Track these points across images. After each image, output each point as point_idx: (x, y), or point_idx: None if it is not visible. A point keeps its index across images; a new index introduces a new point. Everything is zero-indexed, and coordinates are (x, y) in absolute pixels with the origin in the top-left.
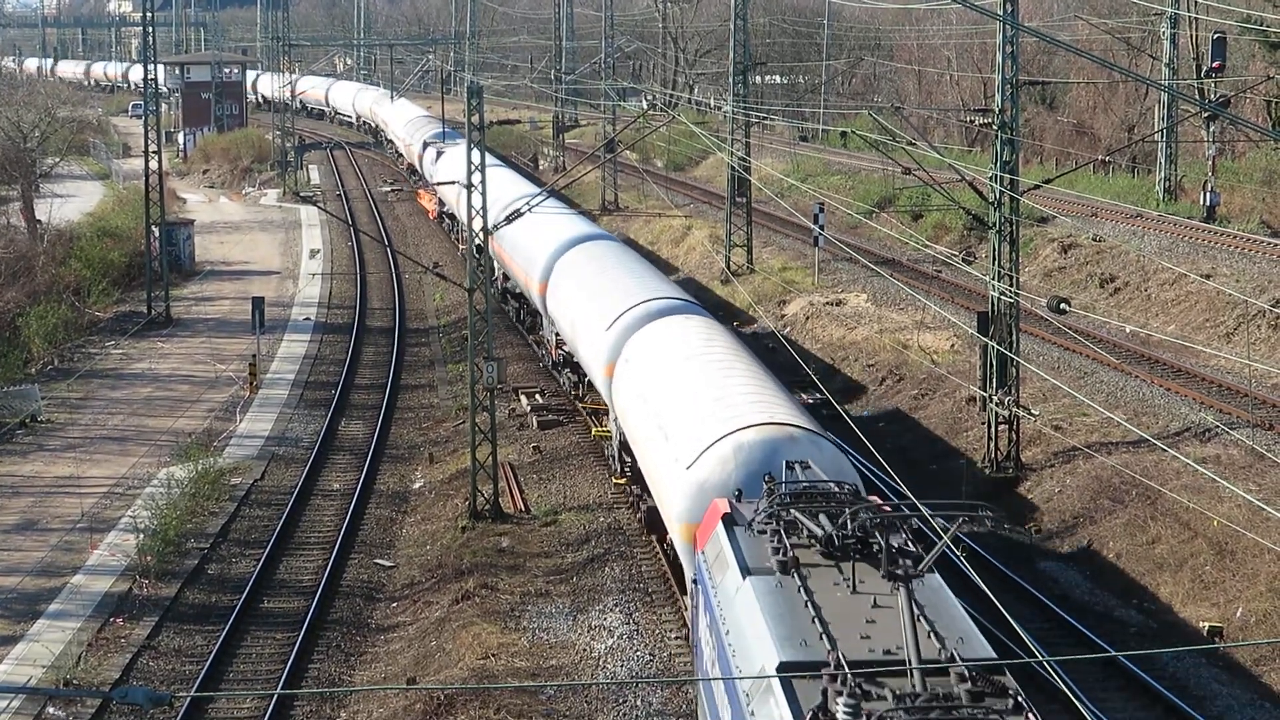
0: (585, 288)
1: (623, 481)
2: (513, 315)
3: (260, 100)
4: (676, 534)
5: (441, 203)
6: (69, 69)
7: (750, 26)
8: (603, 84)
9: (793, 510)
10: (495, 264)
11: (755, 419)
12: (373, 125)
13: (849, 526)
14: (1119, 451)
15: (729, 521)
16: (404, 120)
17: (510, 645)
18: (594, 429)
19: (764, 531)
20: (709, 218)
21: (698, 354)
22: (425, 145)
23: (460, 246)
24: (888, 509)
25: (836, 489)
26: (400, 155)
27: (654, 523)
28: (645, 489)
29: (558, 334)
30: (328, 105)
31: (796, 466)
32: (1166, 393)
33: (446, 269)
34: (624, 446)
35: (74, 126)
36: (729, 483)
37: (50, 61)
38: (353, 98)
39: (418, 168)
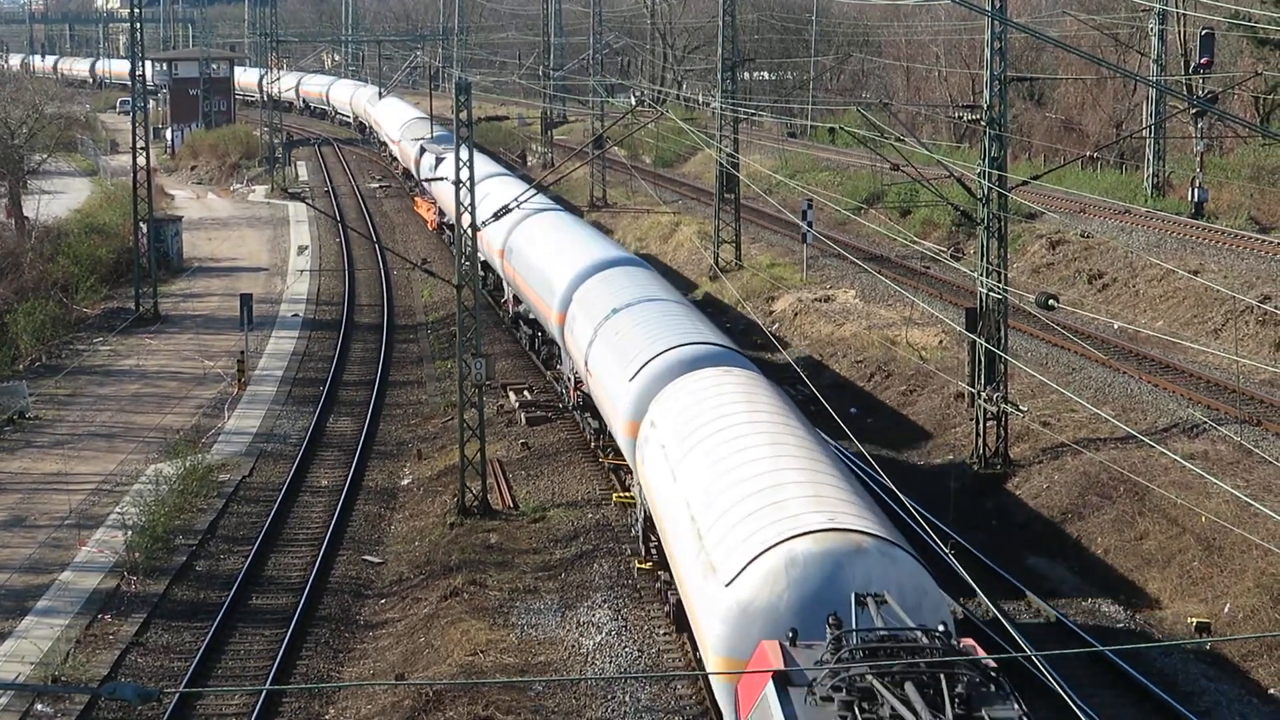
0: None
1: (647, 566)
2: (525, 343)
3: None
4: (711, 663)
5: (441, 212)
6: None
7: (738, 22)
8: (591, 80)
9: (869, 676)
10: (505, 285)
11: (814, 521)
12: (366, 125)
13: (948, 705)
14: (1107, 447)
15: (782, 682)
16: (399, 121)
17: (499, 641)
18: (615, 493)
19: (829, 700)
20: (697, 214)
21: (740, 421)
22: (423, 149)
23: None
24: (992, 667)
25: (924, 638)
26: (395, 158)
27: (684, 619)
28: (673, 577)
29: (576, 373)
30: (328, 104)
31: (870, 602)
32: (1154, 389)
33: (435, 266)
34: (650, 524)
35: (62, 123)
36: (779, 610)
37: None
38: (349, 97)
39: (414, 172)
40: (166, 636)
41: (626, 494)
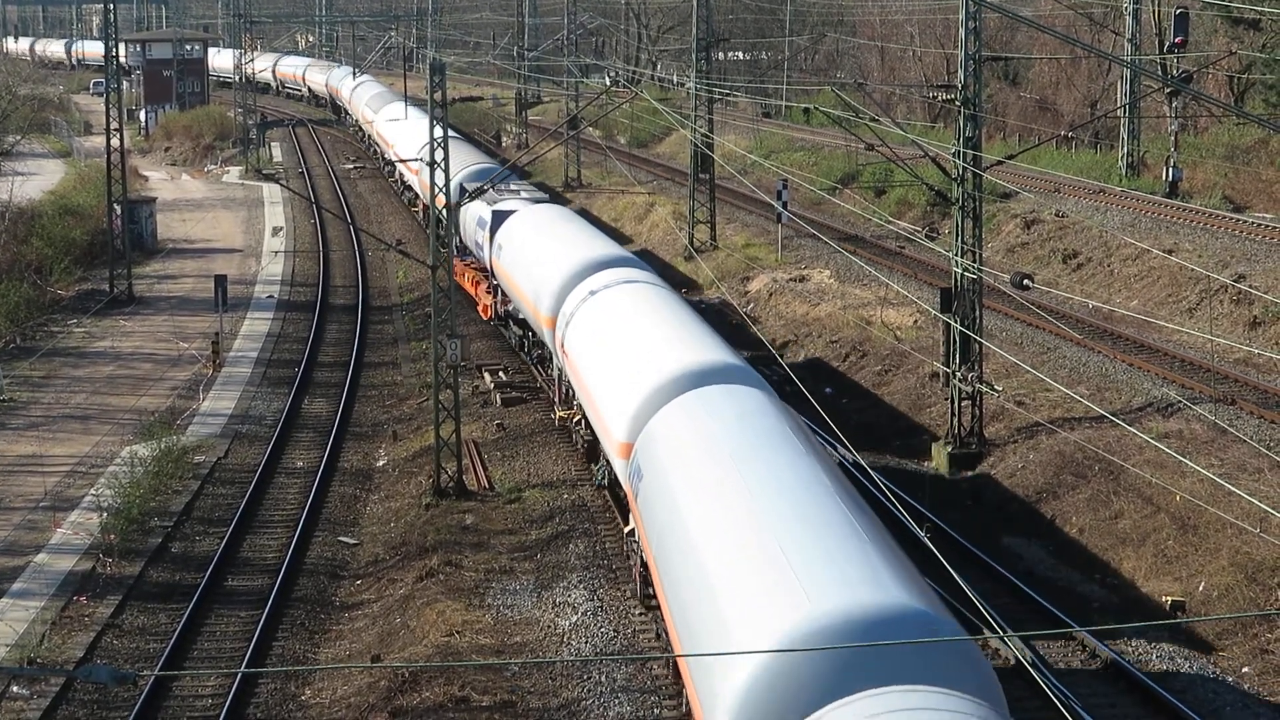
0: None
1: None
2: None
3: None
4: None
5: (503, 297)
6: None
7: (713, 2)
8: (565, 60)
9: None
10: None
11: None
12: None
13: None
14: (1082, 427)
15: None
16: (407, 135)
17: (475, 622)
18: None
19: None
20: (672, 194)
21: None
22: (464, 192)
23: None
24: None
25: None
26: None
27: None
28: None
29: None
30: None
31: None
32: (1129, 368)
33: (410, 247)
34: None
35: (35, 104)
36: None
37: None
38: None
39: (421, 199)
40: (142, 618)
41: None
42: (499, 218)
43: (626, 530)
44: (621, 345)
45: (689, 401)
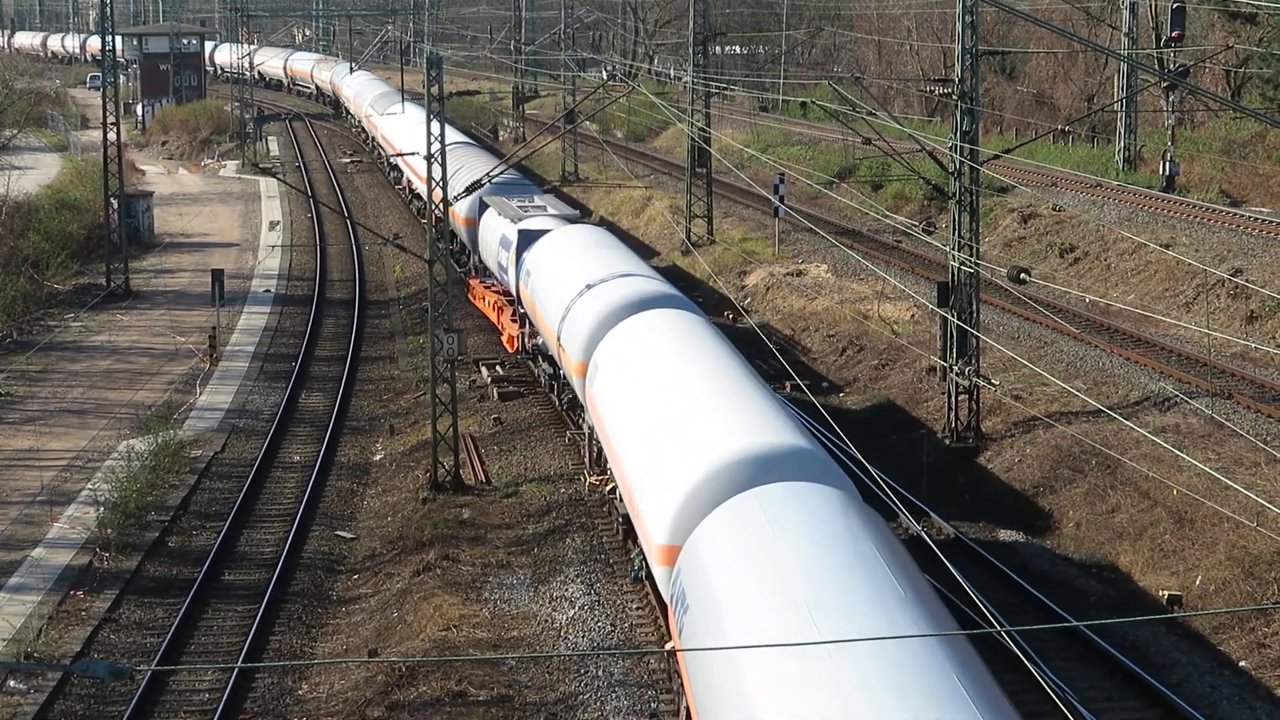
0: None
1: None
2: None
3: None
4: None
5: (532, 329)
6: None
7: None
8: (562, 54)
9: None
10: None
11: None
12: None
13: None
14: (1079, 421)
15: None
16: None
17: (472, 616)
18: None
19: None
20: (669, 188)
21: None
22: (483, 206)
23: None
24: None
25: None
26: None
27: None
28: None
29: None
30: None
31: None
32: (1126, 362)
33: (407, 241)
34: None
35: (31, 98)
36: None
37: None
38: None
39: (462, 237)
40: (139, 613)
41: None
42: (526, 239)
43: (666, 648)
44: (662, 413)
45: (747, 505)
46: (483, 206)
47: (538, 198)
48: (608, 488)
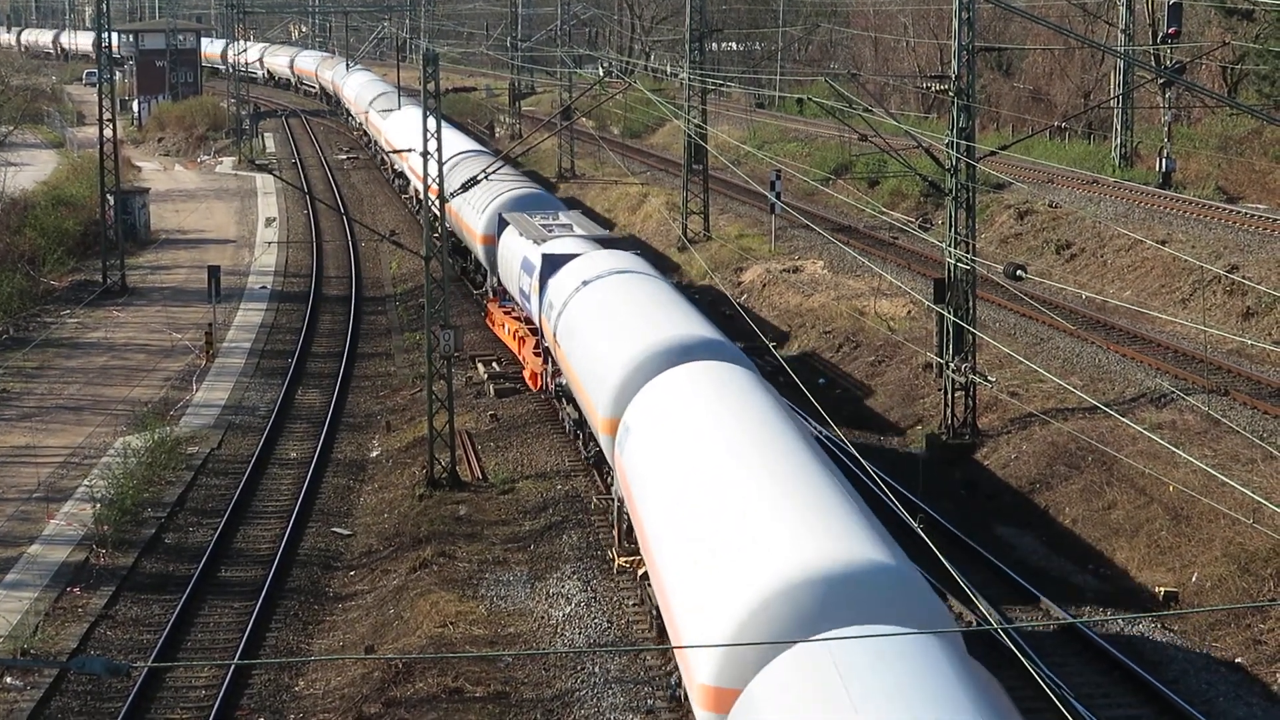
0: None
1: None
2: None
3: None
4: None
5: (556, 368)
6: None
7: None
8: (559, 51)
9: None
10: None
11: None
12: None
13: None
14: (1075, 417)
15: None
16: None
17: (468, 613)
18: None
19: None
20: (665, 185)
21: None
22: (503, 224)
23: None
24: None
25: None
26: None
27: None
28: None
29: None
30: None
31: None
32: (1122, 359)
33: (404, 237)
34: None
35: (28, 94)
36: None
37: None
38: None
39: (480, 258)
40: (136, 609)
41: None
42: (551, 264)
43: None
44: (706, 503)
45: (818, 660)
46: (502, 224)
47: (563, 215)
48: (639, 571)
